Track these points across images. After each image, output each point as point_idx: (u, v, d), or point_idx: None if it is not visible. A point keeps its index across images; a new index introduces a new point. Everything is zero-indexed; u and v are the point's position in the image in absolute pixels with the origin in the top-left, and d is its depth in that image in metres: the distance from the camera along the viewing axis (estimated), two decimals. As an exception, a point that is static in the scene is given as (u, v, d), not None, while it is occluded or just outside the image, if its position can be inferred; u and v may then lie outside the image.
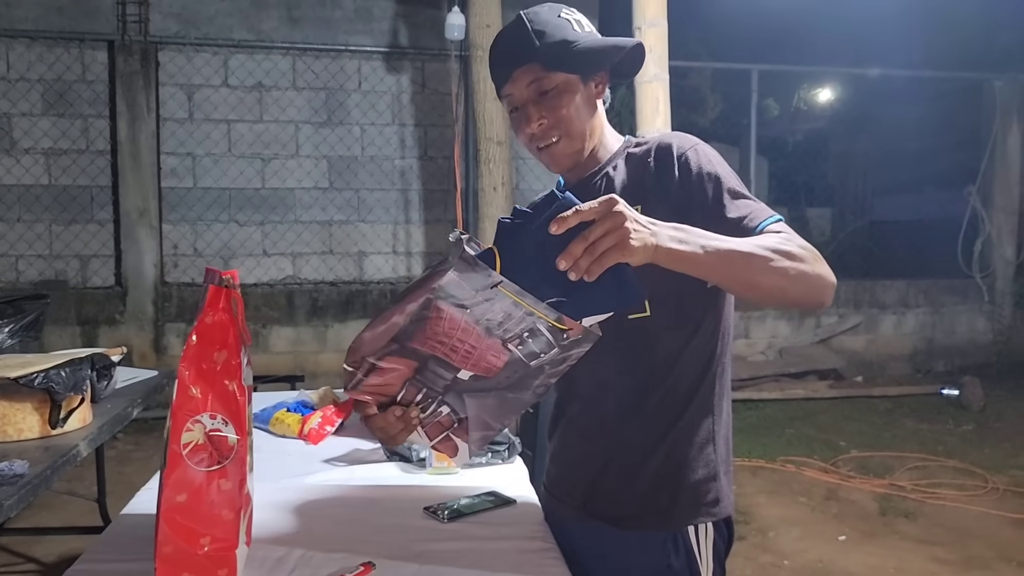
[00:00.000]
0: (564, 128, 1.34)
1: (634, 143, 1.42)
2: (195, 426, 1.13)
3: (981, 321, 7.55)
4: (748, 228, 1.21)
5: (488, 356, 1.12)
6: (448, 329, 1.09)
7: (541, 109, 1.33)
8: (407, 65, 6.30)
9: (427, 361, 1.14)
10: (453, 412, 1.20)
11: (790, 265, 1.12)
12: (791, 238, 1.17)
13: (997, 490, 4.28)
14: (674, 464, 1.33)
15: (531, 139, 1.36)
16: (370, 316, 6.09)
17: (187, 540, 1.14)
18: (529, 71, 1.31)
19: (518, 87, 1.33)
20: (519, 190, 6.05)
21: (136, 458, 4.82)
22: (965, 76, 7.77)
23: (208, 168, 6.04)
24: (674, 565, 1.32)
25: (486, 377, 1.15)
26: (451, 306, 1.06)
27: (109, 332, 5.72)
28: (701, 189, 1.26)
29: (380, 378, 1.16)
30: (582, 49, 1.30)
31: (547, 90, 1.32)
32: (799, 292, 1.16)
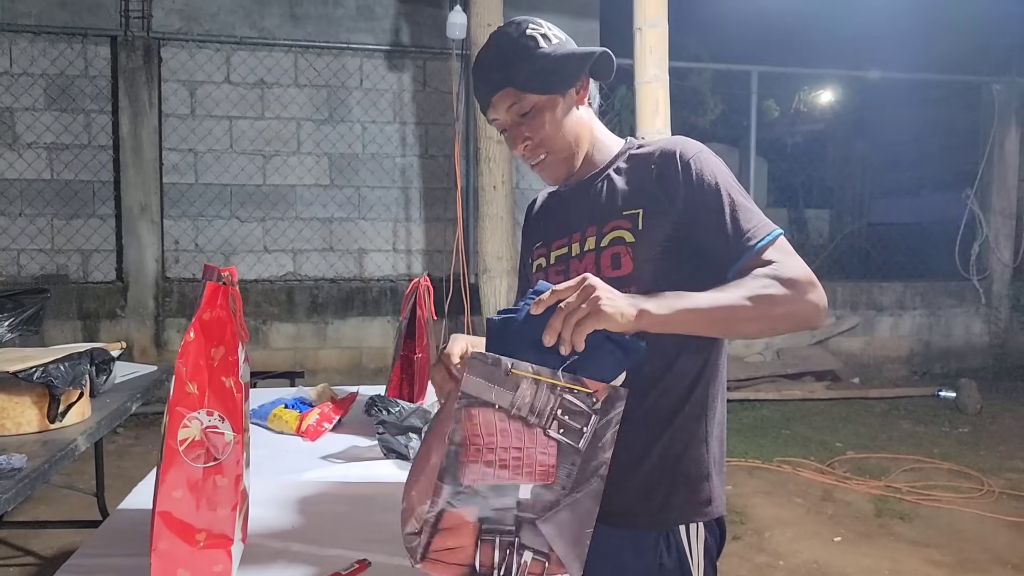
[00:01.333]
0: (548, 145, 1.37)
1: (636, 145, 1.43)
2: (192, 422, 1.14)
3: (978, 324, 7.56)
4: (746, 247, 1.24)
5: (537, 455, 1.08)
6: (486, 436, 1.06)
7: (523, 131, 1.36)
8: (408, 63, 6.31)
9: (486, 499, 1.08)
10: (537, 553, 1.10)
11: (774, 310, 1.18)
12: (780, 272, 1.20)
13: (993, 493, 4.29)
14: (668, 464, 1.34)
15: (523, 159, 1.41)
16: (370, 313, 6.14)
17: (183, 536, 1.15)
18: (505, 96, 1.34)
19: (499, 112, 1.36)
20: (519, 189, 6.06)
21: (135, 452, 4.83)
22: (964, 79, 7.78)
23: (210, 164, 6.05)
24: (666, 564, 1.33)
25: (548, 485, 1.09)
26: (479, 408, 1.06)
27: (110, 327, 5.74)
28: (704, 198, 1.28)
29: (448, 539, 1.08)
30: (550, 66, 1.33)
31: (526, 111, 1.34)
32: (788, 327, 1.23)
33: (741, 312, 1.16)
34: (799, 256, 1.26)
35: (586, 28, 6.56)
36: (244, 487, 1.23)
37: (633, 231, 1.31)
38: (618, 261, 1.32)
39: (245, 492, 1.25)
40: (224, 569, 1.18)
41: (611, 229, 1.34)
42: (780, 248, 1.25)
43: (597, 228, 1.36)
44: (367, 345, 6.16)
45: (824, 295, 1.22)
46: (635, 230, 1.31)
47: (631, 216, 1.32)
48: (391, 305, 6.15)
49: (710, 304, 1.16)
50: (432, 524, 1.07)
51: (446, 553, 1.08)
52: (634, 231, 1.31)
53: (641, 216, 1.31)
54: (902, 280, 7.46)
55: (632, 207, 1.33)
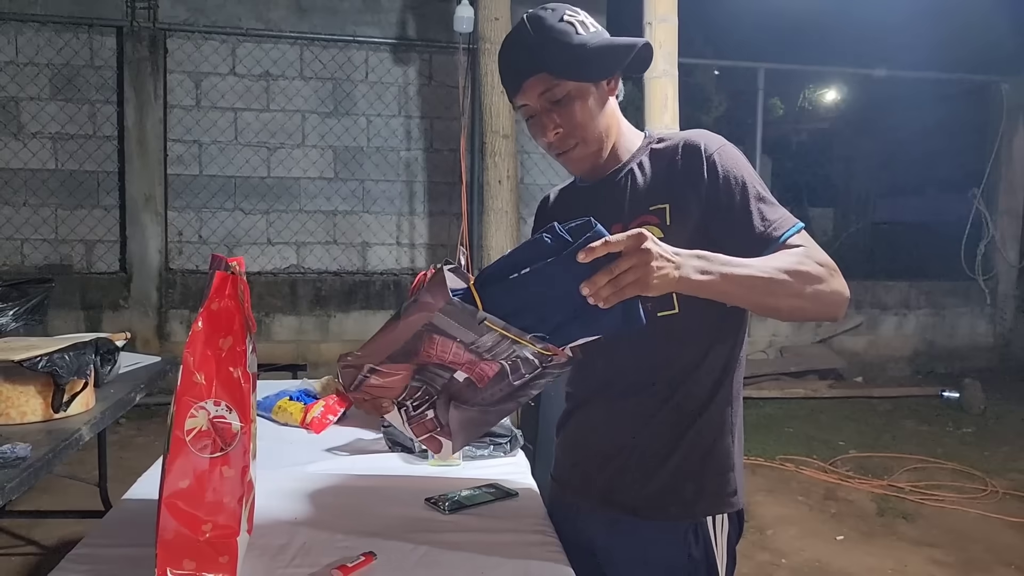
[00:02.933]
0: (579, 135, 1.34)
1: (656, 138, 1.41)
2: (199, 412, 1.13)
3: (983, 324, 7.54)
4: (772, 238, 1.26)
5: (482, 365, 1.21)
6: (440, 352, 1.18)
7: (555, 118, 1.32)
8: (414, 57, 6.29)
9: (427, 364, 1.22)
10: (437, 419, 1.31)
11: (807, 287, 1.20)
12: (810, 254, 1.22)
13: (996, 493, 4.28)
14: (698, 455, 1.35)
15: (548, 147, 1.37)
16: (373, 307, 6.14)
17: (189, 526, 1.15)
18: (539, 81, 1.31)
19: (530, 97, 1.33)
20: (524, 184, 6.05)
21: (138, 443, 4.83)
22: (971, 78, 7.75)
23: (214, 156, 6.04)
24: (694, 555, 1.34)
25: (477, 386, 1.25)
26: (442, 336, 1.15)
27: (113, 317, 5.74)
28: (728, 193, 1.28)
29: (381, 380, 1.24)
30: (589, 55, 1.29)
31: (559, 98, 1.31)
32: (815, 311, 1.25)
33: (776, 286, 1.17)
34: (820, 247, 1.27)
35: (593, 23, 6.53)
36: (250, 478, 1.23)
37: (661, 226, 1.30)
38: None
39: (251, 483, 1.24)
40: (229, 560, 1.17)
41: (639, 224, 1.30)
42: (805, 238, 1.27)
43: (624, 224, 1.32)
44: (370, 338, 6.15)
45: (847, 289, 1.25)
46: (663, 225, 1.30)
47: (658, 211, 1.32)
48: (394, 299, 6.15)
49: (749, 274, 1.16)
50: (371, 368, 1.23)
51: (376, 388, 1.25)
52: (662, 226, 1.30)
53: (668, 211, 1.31)
54: (907, 279, 7.45)
55: (659, 202, 1.32)
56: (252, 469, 1.23)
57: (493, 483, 1.68)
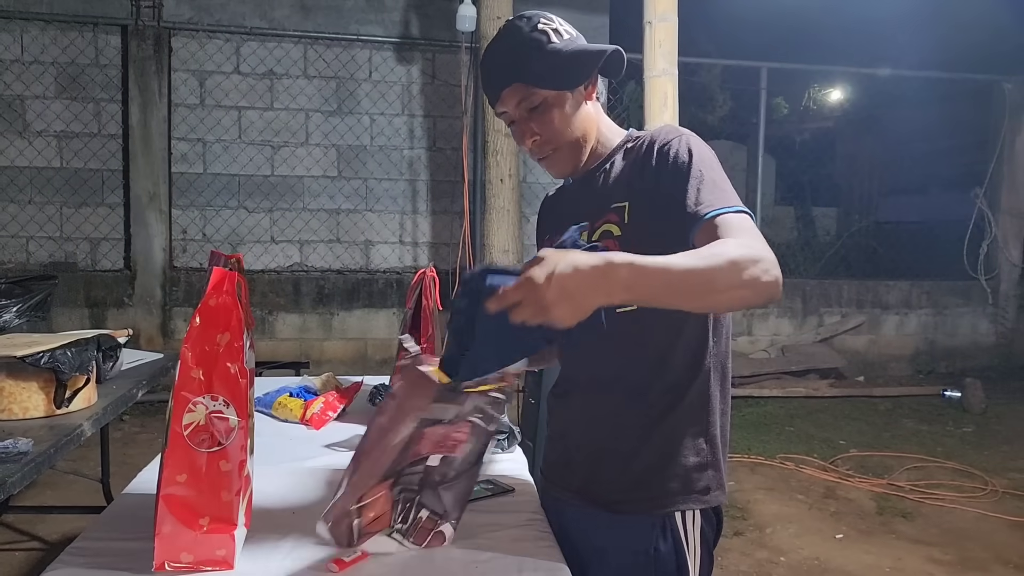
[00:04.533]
0: (557, 141, 1.37)
1: (634, 136, 1.43)
2: (196, 407, 1.15)
3: (984, 324, 7.54)
4: (700, 215, 1.20)
5: (452, 433, 1.22)
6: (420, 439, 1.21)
7: (532, 126, 1.36)
8: (417, 56, 6.31)
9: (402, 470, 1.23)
10: (432, 512, 1.28)
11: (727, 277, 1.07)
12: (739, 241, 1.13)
13: (996, 492, 4.29)
14: (667, 452, 1.36)
15: (530, 153, 1.41)
16: (376, 305, 6.15)
17: (186, 520, 1.16)
18: (515, 91, 1.34)
19: (508, 106, 1.36)
20: (526, 182, 6.06)
21: (141, 440, 4.86)
22: (974, 78, 7.73)
23: (218, 154, 6.07)
24: (661, 548, 1.35)
25: (453, 456, 1.25)
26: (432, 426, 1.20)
27: (117, 315, 5.76)
28: (673, 174, 1.27)
29: (371, 512, 1.24)
30: (561, 62, 1.32)
31: (535, 106, 1.34)
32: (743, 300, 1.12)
33: (716, 278, 1.07)
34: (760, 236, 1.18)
35: (596, 23, 6.54)
36: (248, 472, 1.24)
37: (620, 224, 1.32)
38: None
39: (249, 478, 1.26)
40: (227, 553, 1.19)
41: (602, 223, 1.35)
42: (740, 226, 1.18)
43: (591, 223, 1.36)
44: (372, 336, 6.17)
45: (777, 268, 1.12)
46: (621, 223, 1.32)
47: (618, 209, 1.34)
48: (397, 297, 6.17)
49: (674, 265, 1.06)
50: (357, 508, 1.21)
51: (373, 524, 1.24)
52: (620, 224, 1.32)
53: (627, 209, 1.32)
54: (909, 279, 7.44)
55: (619, 200, 1.34)
56: (250, 464, 1.25)
57: (490, 479, 1.69)
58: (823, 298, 7.04)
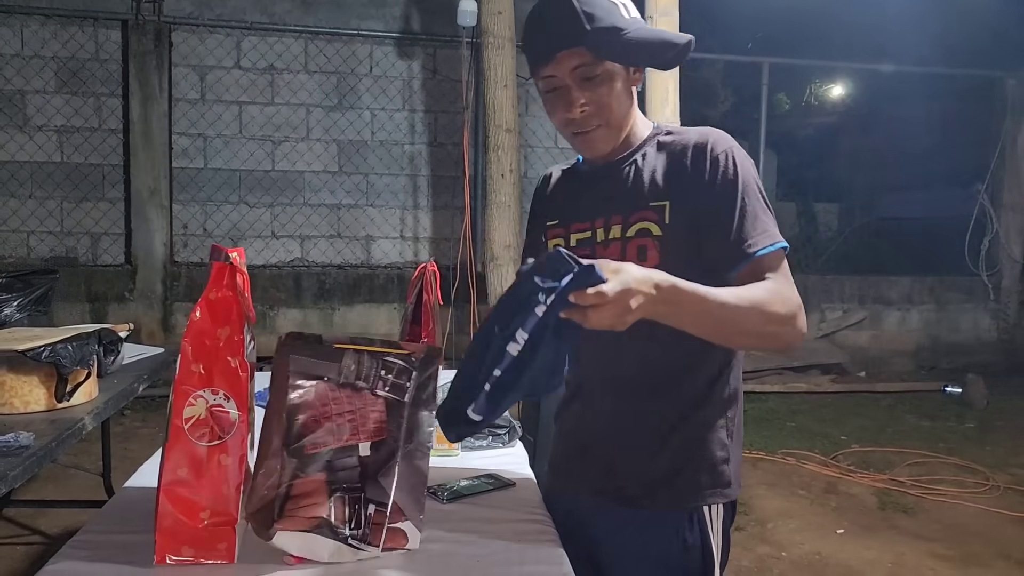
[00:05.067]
0: (605, 116, 1.31)
1: (664, 131, 1.39)
2: (197, 401, 1.15)
3: (986, 320, 7.53)
4: (747, 252, 1.26)
5: (369, 413, 1.21)
6: (320, 406, 1.18)
7: (583, 95, 1.29)
8: (418, 51, 6.30)
9: (331, 462, 1.19)
10: (379, 504, 1.24)
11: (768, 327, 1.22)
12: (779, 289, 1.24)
13: (997, 488, 4.29)
14: (693, 447, 1.36)
15: (568, 124, 1.33)
16: (377, 300, 6.15)
17: (187, 514, 1.16)
18: (575, 55, 1.26)
19: (561, 69, 1.28)
20: (527, 178, 6.05)
21: (142, 435, 4.86)
22: (977, 73, 7.72)
23: (219, 149, 6.06)
24: (689, 541, 1.36)
25: (383, 440, 1.23)
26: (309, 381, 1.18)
27: (118, 310, 5.77)
28: (720, 195, 1.28)
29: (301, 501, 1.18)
30: (633, 41, 1.25)
31: (592, 76, 1.28)
32: (769, 347, 1.36)
33: (746, 320, 1.19)
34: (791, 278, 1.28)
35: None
36: (249, 467, 1.24)
37: (660, 224, 1.30)
38: (644, 253, 1.30)
39: (250, 471, 1.26)
40: (228, 547, 1.19)
41: (637, 220, 1.32)
42: (779, 265, 1.27)
43: (623, 217, 1.33)
44: (373, 332, 6.17)
45: (803, 325, 1.26)
46: (661, 223, 1.30)
47: (658, 208, 1.31)
48: (398, 292, 6.17)
49: (724, 300, 1.17)
50: (283, 495, 1.16)
51: (300, 510, 1.18)
52: (660, 224, 1.30)
53: (668, 209, 1.30)
54: (911, 274, 7.43)
55: (659, 198, 1.32)
56: (251, 458, 1.25)
57: (491, 473, 1.69)
58: (825, 294, 7.03)
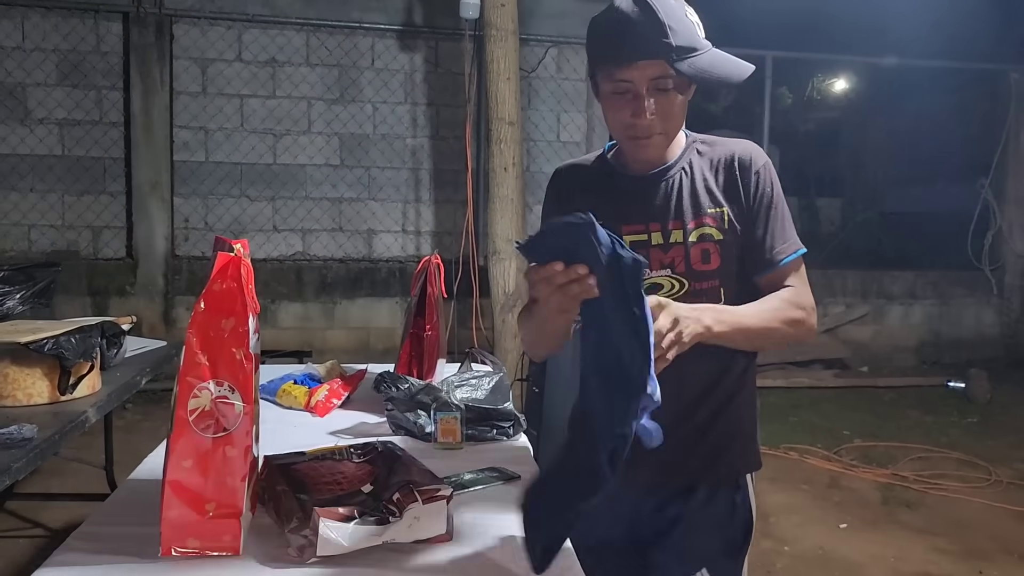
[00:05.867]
0: (666, 127, 1.38)
1: (699, 140, 1.50)
2: (202, 392, 1.15)
3: (989, 314, 7.51)
4: (775, 260, 1.44)
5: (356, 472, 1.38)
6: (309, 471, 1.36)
7: (654, 103, 1.34)
8: (421, 44, 6.28)
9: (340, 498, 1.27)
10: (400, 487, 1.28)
11: (789, 332, 1.42)
12: (799, 298, 1.44)
13: (1000, 483, 4.28)
14: (734, 427, 1.53)
15: (630, 128, 1.38)
16: (378, 294, 6.15)
17: (192, 505, 1.16)
18: (656, 65, 1.31)
19: (638, 76, 1.32)
20: (529, 171, 6.04)
21: (144, 428, 4.86)
22: (981, 67, 7.69)
23: (220, 143, 6.05)
24: (736, 503, 1.55)
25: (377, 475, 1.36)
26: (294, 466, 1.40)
27: (119, 303, 5.76)
28: (760, 206, 1.44)
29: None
30: (706, 62, 1.31)
31: (665, 88, 1.34)
32: (785, 345, 1.53)
33: (772, 333, 1.41)
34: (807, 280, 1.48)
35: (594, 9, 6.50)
36: (254, 458, 1.23)
37: (720, 229, 1.43)
38: (707, 257, 1.43)
39: (255, 463, 1.25)
40: (233, 539, 1.19)
41: (698, 225, 1.44)
42: (799, 268, 1.47)
43: (682, 222, 1.44)
44: (375, 325, 6.17)
45: (815, 321, 1.46)
46: (721, 228, 1.43)
47: (716, 215, 1.44)
48: (400, 286, 6.16)
49: (755, 325, 1.37)
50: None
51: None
52: (720, 229, 1.43)
53: (726, 216, 1.44)
54: (913, 269, 7.41)
55: (717, 205, 1.44)
56: (255, 449, 1.24)
57: (496, 467, 1.69)
58: (827, 288, 7.01)
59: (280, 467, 1.37)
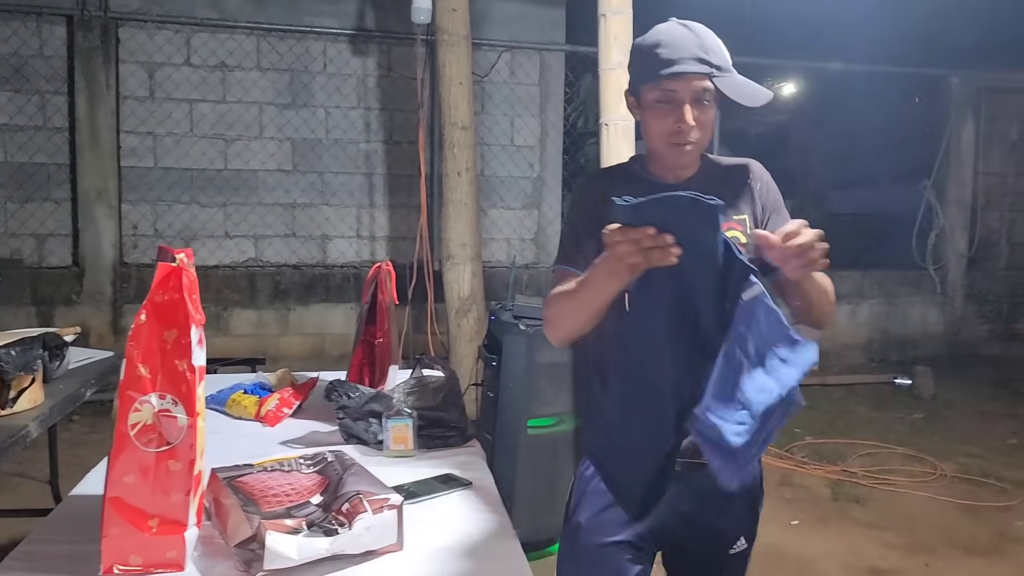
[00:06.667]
0: (701, 138, 1.54)
1: (709, 157, 1.66)
2: (143, 406, 1.13)
3: (933, 312, 7.72)
4: None
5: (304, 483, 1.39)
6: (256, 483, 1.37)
7: (696, 115, 1.50)
8: (373, 48, 6.25)
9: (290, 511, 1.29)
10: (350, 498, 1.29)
11: (831, 310, 1.55)
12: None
13: (945, 476, 4.40)
14: None
15: (673, 134, 1.51)
16: (333, 300, 6.10)
17: (135, 521, 1.14)
18: (701, 80, 1.47)
19: (685, 87, 1.47)
20: (483, 175, 6.04)
21: (91, 440, 4.75)
22: (923, 72, 7.89)
23: (169, 148, 5.94)
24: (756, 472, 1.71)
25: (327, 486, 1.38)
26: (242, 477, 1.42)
27: (65, 313, 5.63)
28: (771, 212, 1.61)
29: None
30: (738, 84, 1.49)
31: (705, 102, 1.50)
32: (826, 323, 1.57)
33: (830, 303, 1.52)
34: None
35: (553, 15, 6.55)
36: (199, 472, 1.22)
37: (744, 233, 1.56)
38: None
39: (200, 477, 1.24)
40: (178, 555, 1.17)
41: (728, 229, 1.51)
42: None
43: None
44: (329, 332, 6.12)
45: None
46: (745, 232, 1.56)
47: (740, 220, 1.58)
48: (354, 292, 6.11)
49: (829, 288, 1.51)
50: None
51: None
52: (745, 233, 1.56)
53: (748, 221, 1.58)
54: (860, 269, 7.57)
55: (739, 212, 1.59)
56: (200, 463, 1.22)
57: (448, 473, 1.69)
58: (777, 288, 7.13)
59: (227, 480, 1.35)
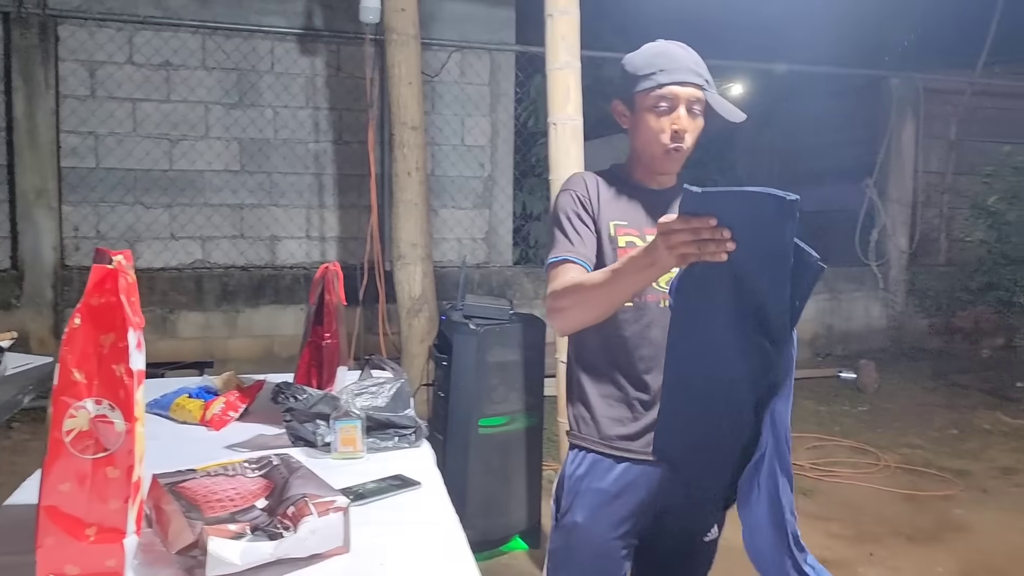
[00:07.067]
0: (689, 144, 1.73)
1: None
2: (79, 412, 1.10)
3: (877, 308, 7.91)
4: None
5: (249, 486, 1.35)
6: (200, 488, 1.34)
7: (688, 124, 1.71)
8: (321, 48, 6.19)
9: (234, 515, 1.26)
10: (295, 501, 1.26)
11: None
12: None
13: (888, 468, 4.51)
14: None
15: (672, 137, 1.70)
16: (283, 301, 6.03)
17: (71, 530, 1.11)
18: (697, 91, 1.70)
19: (683, 95, 1.69)
20: (434, 175, 6.03)
21: (32, 448, 4.63)
22: (864, 73, 8.10)
23: (112, 148, 5.81)
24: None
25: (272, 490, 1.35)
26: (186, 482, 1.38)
27: (4, 317, 5.46)
28: None
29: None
30: (719, 100, 1.73)
31: (696, 113, 1.71)
32: None
33: None
34: None
35: (503, 15, 6.55)
36: (138, 478, 1.19)
37: None
38: None
39: (139, 484, 1.21)
40: (117, 563, 1.14)
41: None
42: None
43: None
44: (279, 333, 6.04)
45: None
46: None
47: None
48: (304, 293, 6.05)
49: None
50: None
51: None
52: None
53: None
54: (807, 266, 7.72)
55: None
56: (139, 469, 1.20)
57: (397, 474, 1.68)
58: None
59: (169, 485, 1.33)
